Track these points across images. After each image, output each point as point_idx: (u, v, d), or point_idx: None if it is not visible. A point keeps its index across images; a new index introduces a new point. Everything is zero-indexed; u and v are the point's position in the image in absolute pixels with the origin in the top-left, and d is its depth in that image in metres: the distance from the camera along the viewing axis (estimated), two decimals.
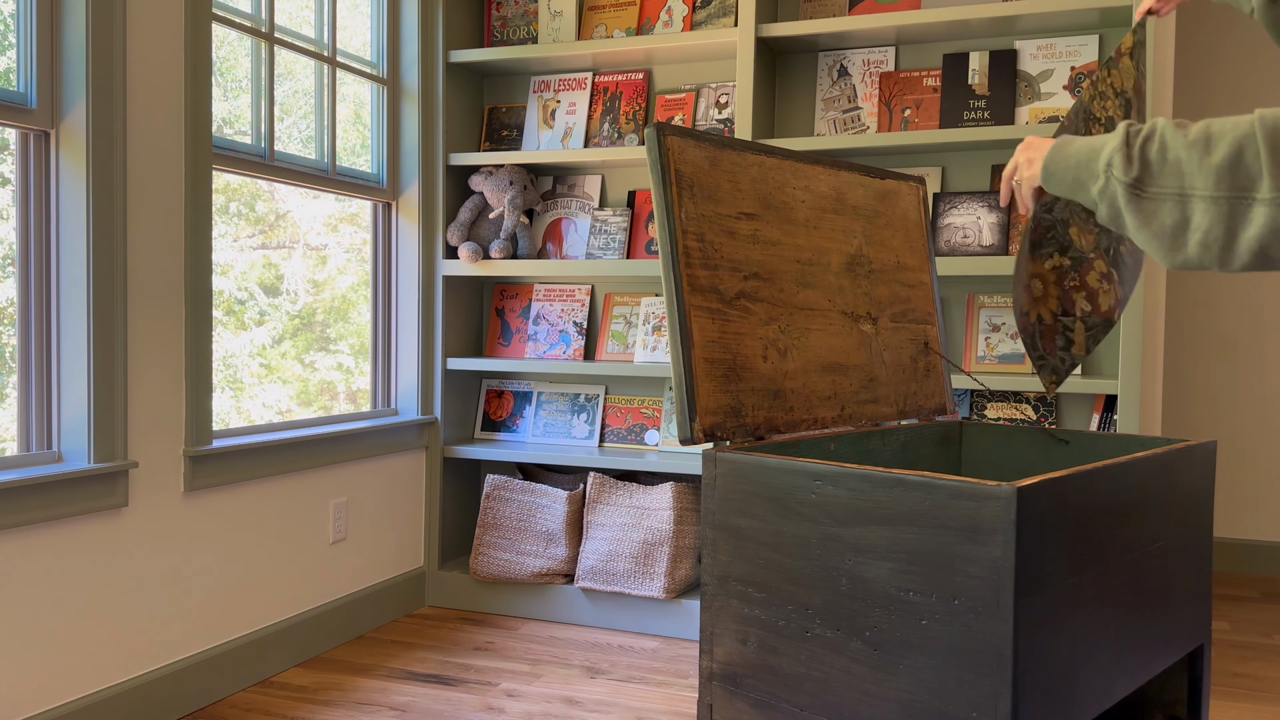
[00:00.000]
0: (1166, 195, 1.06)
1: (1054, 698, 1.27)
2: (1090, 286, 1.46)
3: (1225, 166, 1.00)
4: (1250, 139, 1.00)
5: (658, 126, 1.54)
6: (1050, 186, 1.24)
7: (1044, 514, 1.22)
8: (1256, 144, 0.99)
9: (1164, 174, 1.06)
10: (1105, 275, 1.47)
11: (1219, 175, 1.01)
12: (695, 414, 1.50)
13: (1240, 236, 1.00)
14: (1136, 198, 1.08)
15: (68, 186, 2.12)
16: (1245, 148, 1.00)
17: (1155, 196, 1.07)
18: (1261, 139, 0.99)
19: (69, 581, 2.10)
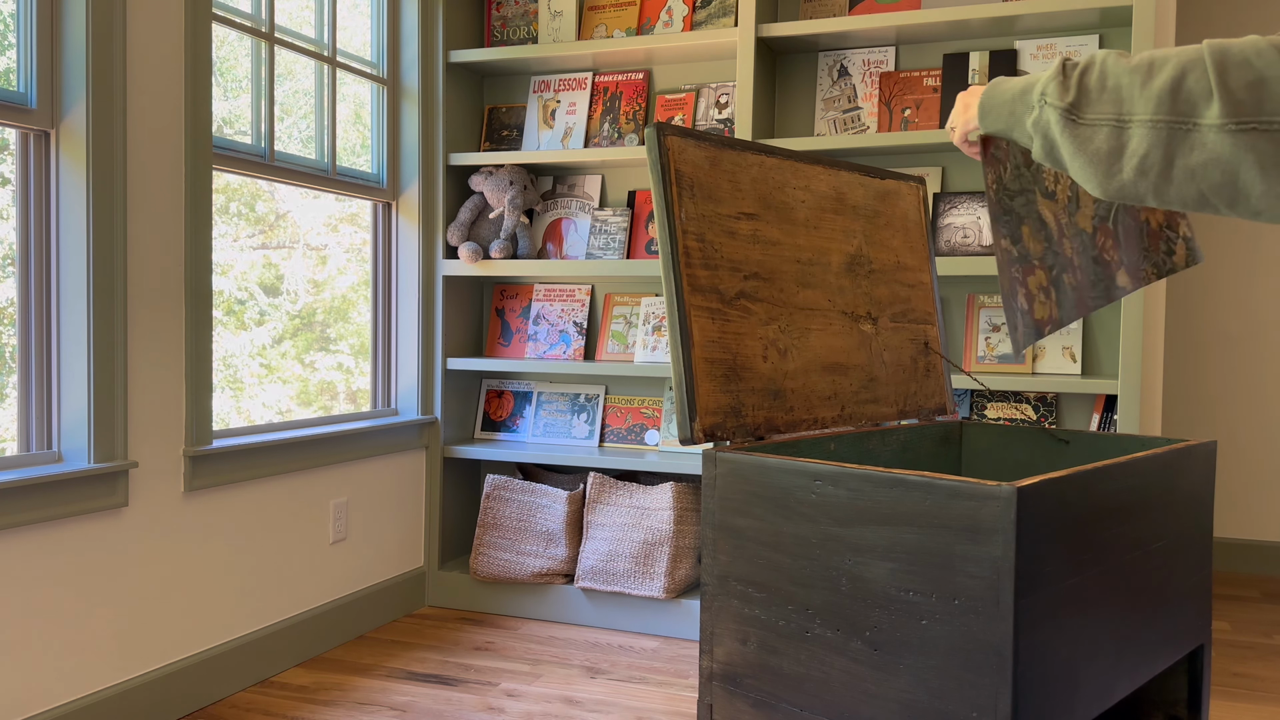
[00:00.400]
0: (1104, 121, 1.03)
1: (1054, 698, 1.27)
2: (1029, 288, 1.45)
3: (1167, 91, 0.98)
4: (1196, 64, 0.97)
5: (658, 126, 1.54)
6: (986, 125, 1.22)
7: (1044, 514, 1.22)
8: (1204, 69, 0.96)
9: (1102, 100, 1.04)
10: (1044, 289, 1.46)
11: (1159, 100, 0.98)
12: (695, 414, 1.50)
13: (1177, 164, 0.98)
14: (1072, 123, 1.06)
15: (68, 186, 2.12)
16: (1189, 72, 0.97)
17: (1092, 123, 1.04)
18: (1211, 65, 0.96)
19: (69, 581, 2.10)
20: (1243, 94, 0.93)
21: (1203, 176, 0.96)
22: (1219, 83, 0.94)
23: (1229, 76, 0.94)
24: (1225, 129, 0.94)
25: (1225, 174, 0.95)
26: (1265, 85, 0.92)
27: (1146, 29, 2.52)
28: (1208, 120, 0.95)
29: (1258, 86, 0.93)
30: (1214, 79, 0.94)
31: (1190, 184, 0.97)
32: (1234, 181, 0.95)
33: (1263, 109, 0.92)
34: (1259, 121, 0.92)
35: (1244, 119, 0.93)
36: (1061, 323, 1.47)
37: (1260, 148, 0.93)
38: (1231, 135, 0.93)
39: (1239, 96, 0.93)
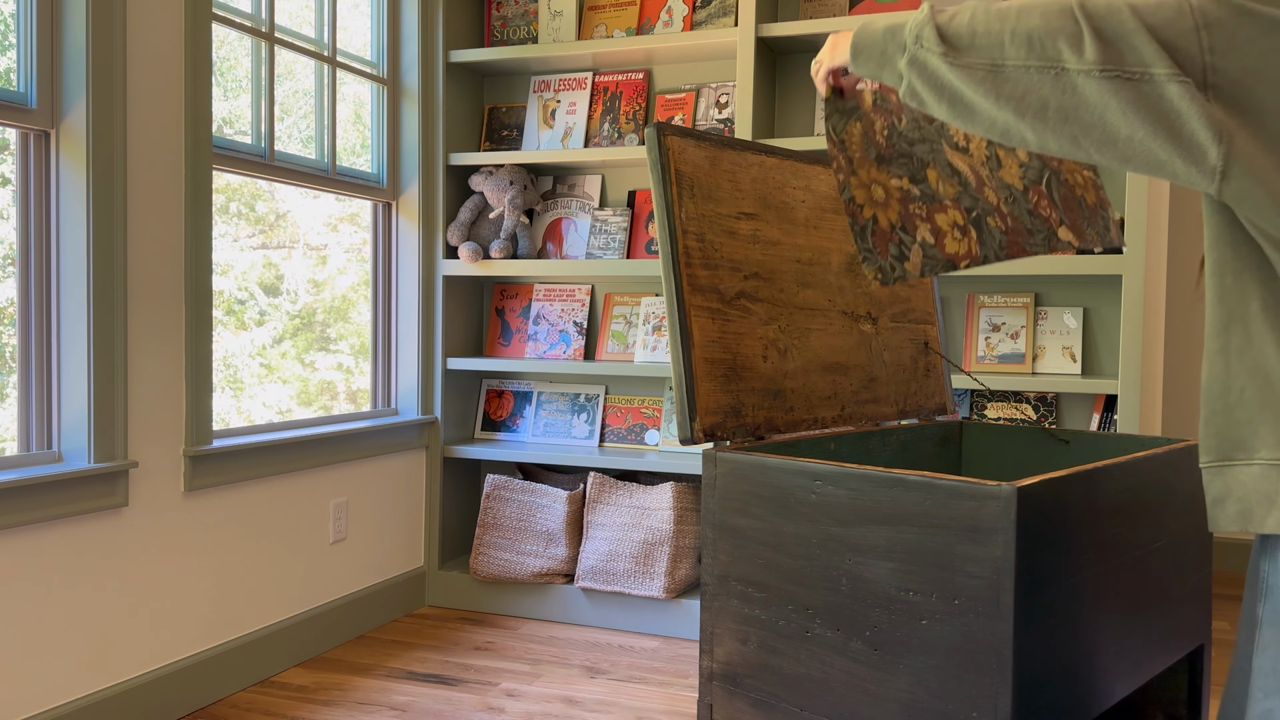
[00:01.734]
0: (979, 65, 1.08)
1: (1054, 698, 1.27)
2: (938, 224, 1.47)
3: (1038, 37, 1.04)
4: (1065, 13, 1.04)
5: (658, 126, 1.54)
6: (857, 65, 1.25)
7: (1044, 514, 1.22)
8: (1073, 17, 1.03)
9: (975, 46, 1.09)
10: (960, 227, 1.48)
11: (1030, 45, 1.04)
12: (695, 414, 1.50)
13: (1050, 106, 1.04)
14: (949, 67, 1.10)
15: (68, 186, 2.12)
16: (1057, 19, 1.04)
17: (967, 66, 1.09)
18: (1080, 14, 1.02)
19: (69, 581, 2.10)
20: (1108, 43, 1.01)
21: (1074, 119, 1.04)
22: (1089, 30, 1.01)
23: (1096, 26, 1.02)
24: (1093, 74, 1.01)
25: (1093, 116, 1.03)
26: (1127, 38, 1.00)
27: None
28: (1076, 65, 1.02)
29: (1119, 39, 1.00)
30: (1085, 27, 1.02)
31: (1065, 126, 1.04)
32: (1101, 124, 1.03)
33: (1124, 59, 1.00)
34: (1121, 70, 1.00)
35: (1108, 66, 1.01)
36: (985, 260, 1.50)
37: (1122, 93, 1.01)
38: (1098, 81, 1.01)
39: (1105, 45, 1.01)
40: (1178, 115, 1.00)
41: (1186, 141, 1.00)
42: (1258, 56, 1.00)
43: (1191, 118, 1.00)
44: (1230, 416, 1.07)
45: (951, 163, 1.51)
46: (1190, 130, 1.00)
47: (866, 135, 1.44)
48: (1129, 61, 1.01)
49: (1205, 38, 1.00)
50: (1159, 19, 1.01)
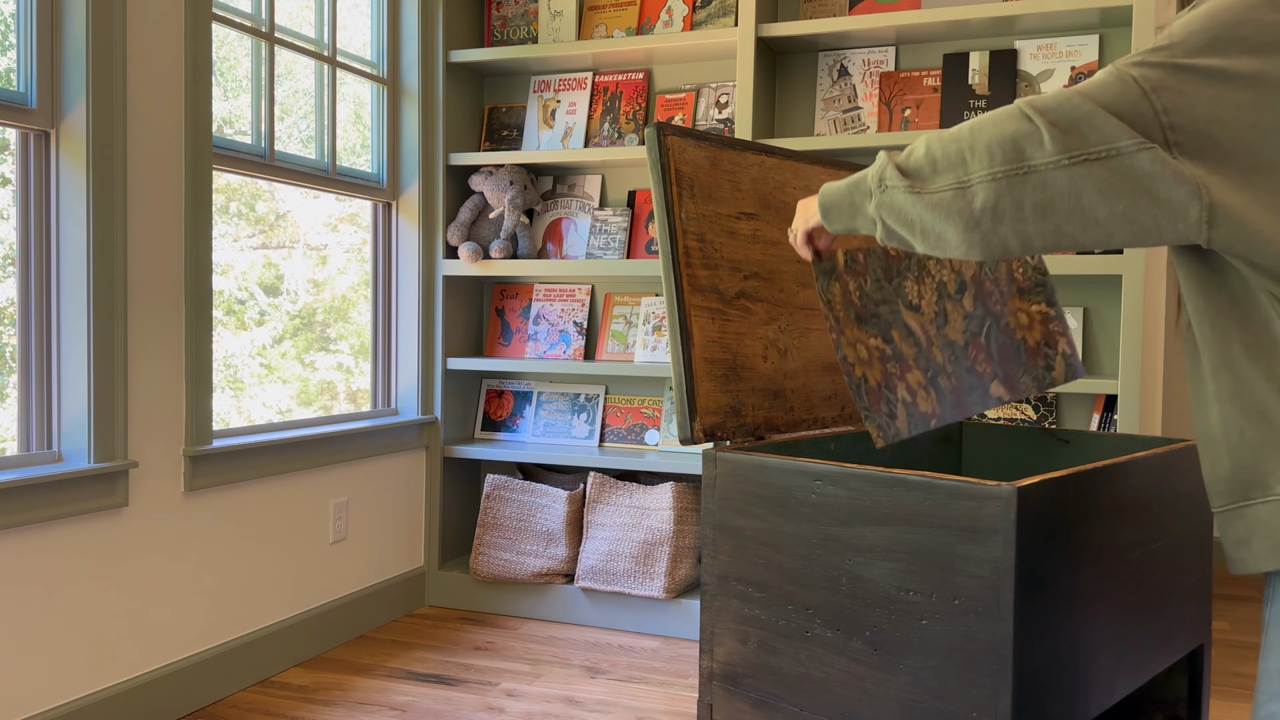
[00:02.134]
0: (947, 188, 1.11)
1: (1054, 698, 1.27)
2: (910, 383, 1.52)
3: (996, 145, 1.07)
4: (1014, 116, 1.07)
5: (658, 126, 1.54)
6: (832, 223, 1.29)
7: (1044, 514, 1.22)
8: (1025, 118, 1.07)
9: (937, 172, 1.12)
10: (924, 386, 1.53)
11: (992, 154, 1.08)
12: (695, 414, 1.50)
13: (1026, 204, 1.07)
14: (918, 196, 1.13)
15: (68, 186, 2.12)
16: (1010, 124, 1.07)
17: (936, 191, 1.12)
18: (1033, 113, 1.06)
19: (69, 581, 2.10)
20: (1067, 132, 1.05)
21: (1052, 210, 1.07)
22: (1045, 124, 1.06)
23: (1051, 119, 1.06)
24: (1061, 164, 1.05)
25: (1071, 203, 1.06)
26: (1084, 121, 1.05)
27: (1146, 29, 2.52)
28: (1042, 160, 1.06)
29: (1077, 125, 1.05)
30: (1041, 123, 1.06)
31: (1044, 220, 1.08)
32: (1080, 209, 1.06)
33: (1087, 141, 1.04)
34: (1087, 153, 1.04)
35: (1074, 152, 1.05)
36: (944, 420, 1.56)
37: (1095, 174, 1.04)
38: (1067, 169, 1.05)
39: (1065, 134, 1.05)
40: (1152, 181, 1.04)
41: (1167, 203, 1.04)
42: (1208, 106, 1.03)
43: (1166, 181, 1.03)
44: (1236, 460, 1.08)
45: (907, 323, 1.57)
46: (1167, 192, 1.03)
47: (845, 295, 1.49)
48: (1092, 142, 1.04)
49: (1157, 101, 1.04)
50: (1108, 96, 1.05)
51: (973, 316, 1.68)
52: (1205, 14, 1.06)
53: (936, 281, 1.64)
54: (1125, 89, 1.05)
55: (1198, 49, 1.04)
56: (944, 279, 1.65)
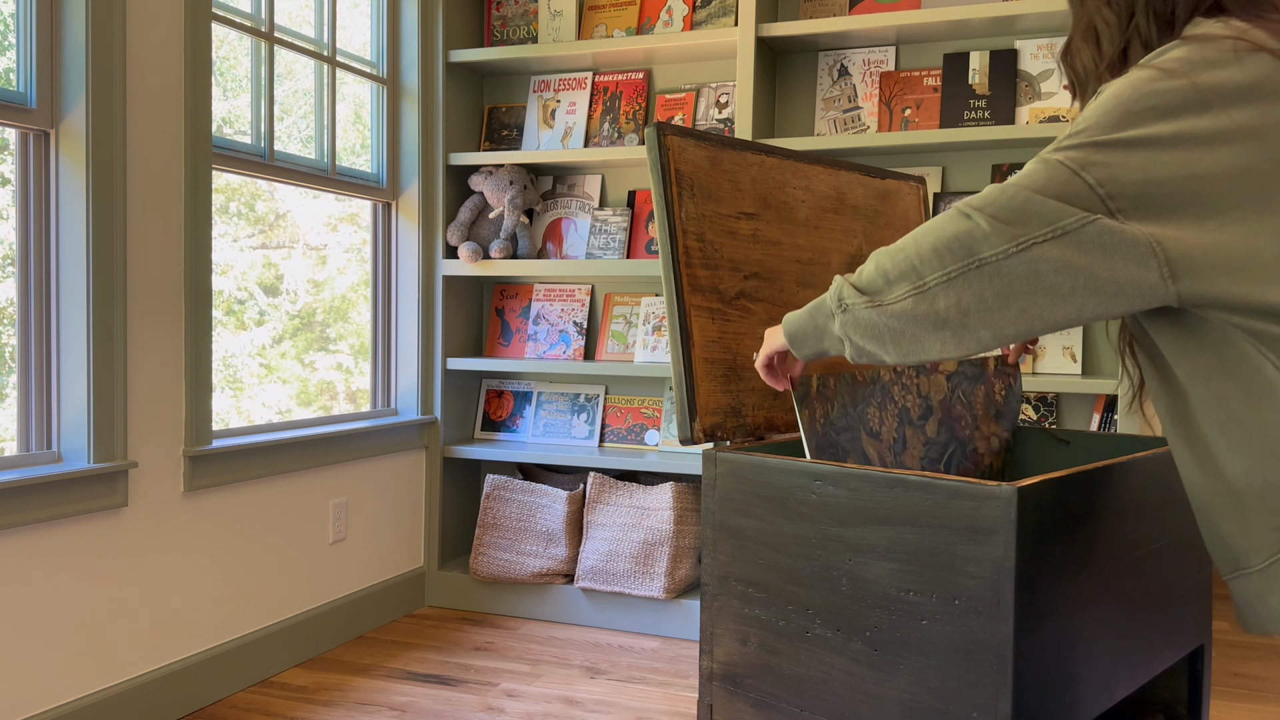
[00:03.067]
0: (905, 296, 1.15)
1: (1054, 698, 1.27)
2: None
3: (945, 246, 1.11)
4: (955, 218, 1.11)
5: (657, 126, 1.54)
6: (800, 349, 1.31)
7: (1044, 514, 1.22)
8: (965, 218, 1.10)
9: (892, 282, 1.16)
10: None
11: (942, 256, 1.11)
12: (695, 414, 1.50)
13: (988, 295, 1.10)
14: (879, 308, 1.17)
15: (68, 186, 2.12)
16: (952, 226, 1.11)
17: (896, 301, 1.15)
18: (973, 211, 1.10)
19: (69, 581, 2.09)
20: (1009, 222, 1.08)
21: (1015, 295, 1.10)
22: (986, 219, 1.09)
23: (991, 213, 1.09)
24: (1010, 254, 1.08)
25: (1032, 286, 1.09)
26: (1024, 208, 1.08)
27: None
28: (991, 252, 1.09)
29: (1018, 213, 1.08)
30: (981, 219, 1.09)
31: (1009, 307, 1.10)
32: (1042, 290, 1.09)
33: (1030, 226, 1.07)
34: (1033, 236, 1.07)
35: (1020, 239, 1.07)
36: None
37: (1047, 255, 1.07)
38: (1017, 256, 1.08)
39: (1007, 224, 1.08)
40: (1104, 250, 1.06)
41: (1124, 271, 1.06)
42: (1138, 171, 1.06)
43: (1119, 248, 1.05)
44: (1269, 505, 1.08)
45: (865, 450, 1.60)
46: (1122, 260, 1.06)
47: (812, 421, 1.52)
48: (1036, 226, 1.07)
49: (1088, 176, 1.07)
50: (1039, 181, 1.08)
51: (934, 443, 1.71)
52: (1109, 98, 1.09)
53: (899, 407, 1.67)
54: (1054, 172, 1.08)
55: (1112, 126, 1.07)
56: (908, 404, 1.68)
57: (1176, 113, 1.05)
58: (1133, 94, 1.07)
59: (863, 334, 1.20)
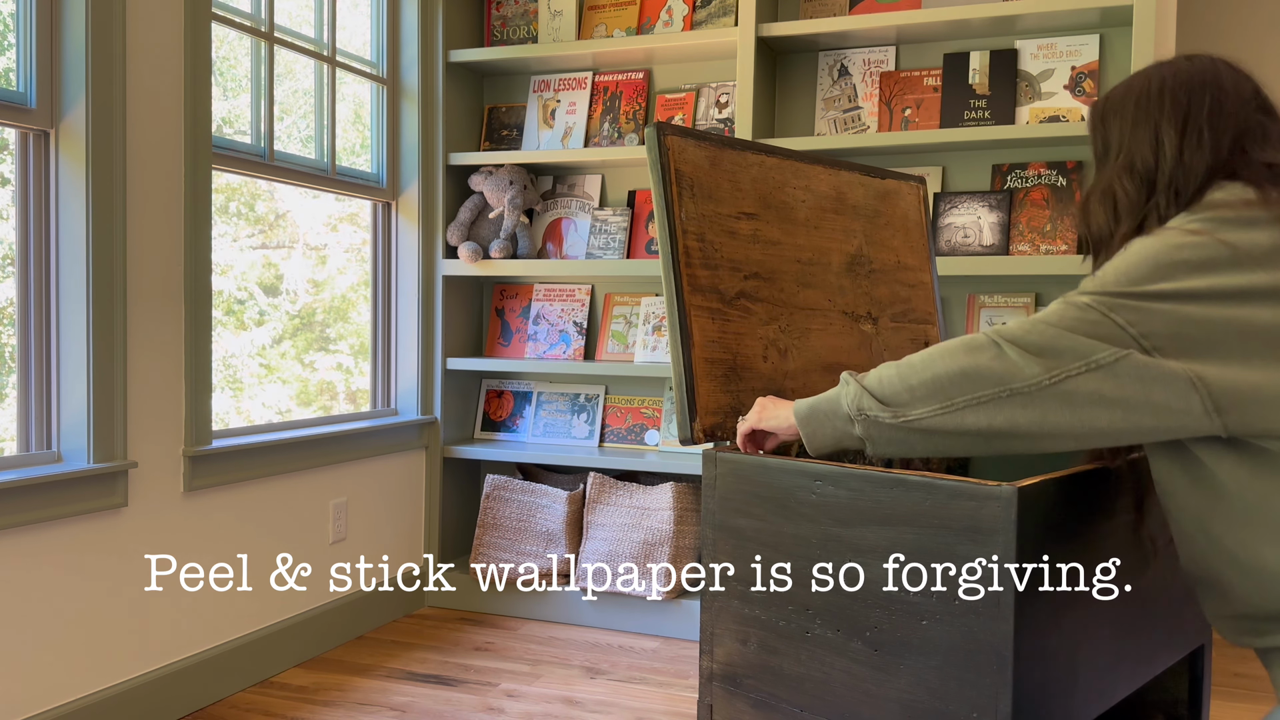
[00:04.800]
0: (933, 413, 1.17)
1: (1054, 698, 1.27)
2: None
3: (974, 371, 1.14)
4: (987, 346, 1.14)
5: (657, 126, 1.54)
6: (817, 447, 1.32)
7: (1044, 514, 1.22)
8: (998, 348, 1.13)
9: (917, 400, 1.18)
10: None
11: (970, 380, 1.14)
12: (695, 414, 1.50)
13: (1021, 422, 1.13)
14: (904, 421, 1.19)
15: (67, 186, 2.12)
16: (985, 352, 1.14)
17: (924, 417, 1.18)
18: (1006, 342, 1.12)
19: (69, 582, 2.09)
20: (1041, 354, 1.10)
21: (1050, 422, 1.12)
22: (1017, 352, 1.11)
23: (1023, 345, 1.12)
24: (1043, 386, 1.10)
25: (1069, 416, 1.11)
26: (1057, 342, 1.10)
27: (1146, 29, 2.51)
28: (1023, 384, 1.11)
29: (1050, 347, 1.10)
30: (1013, 352, 1.12)
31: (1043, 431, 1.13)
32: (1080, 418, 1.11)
33: (1064, 360, 1.09)
34: (1067, 370, 1.09)
35: (1054, 372, 1.10)
36: None
37: (1083, 389, 1.09)
38: (1050, 388, 1.10)
39: (1039, 357, 1.10)
40: (1142, 383, 1.08)
41: (1163, 402, 1.08)
42: (1169, 319, 1.09)
43: (1158, 380, 1.08)
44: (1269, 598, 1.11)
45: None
46: (1161, 391, 1.08)
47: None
48: (1069, 360, 1.10)
49: (1119, 318, 1.10)
50: (1069, 321, 1.12)
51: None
52: (1137, 254, 1.12)
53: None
54: (1084, 313, 1.11)
55: (1142, 279, 1.10)
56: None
57: (1210, 268, 1.09)
58: (1163, 249, 1.10)
59: (888, 443, 1.22)
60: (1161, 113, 1.22)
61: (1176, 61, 1.26)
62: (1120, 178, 1.23)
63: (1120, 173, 1.23)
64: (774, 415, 1.41)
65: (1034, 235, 2.79)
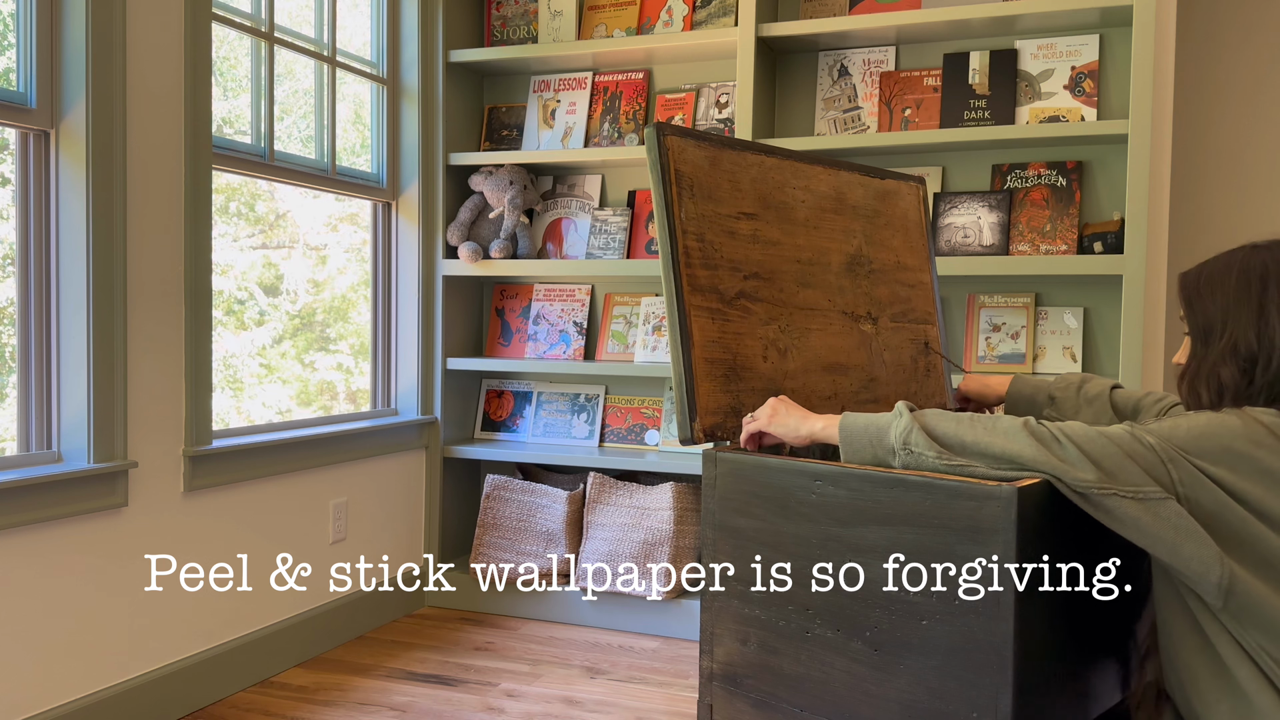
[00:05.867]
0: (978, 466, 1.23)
1: (1054, 698, 1.27)
2: None
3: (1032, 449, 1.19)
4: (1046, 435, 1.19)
5: (657, 126, 1.54)
6: (850, 456, 1.36)
7: (1044, 514, 1.22)
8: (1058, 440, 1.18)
9: (968, 452, 1.23)
10: None
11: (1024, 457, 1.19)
12: (695, 414, 1.50)
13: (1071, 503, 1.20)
14: (949, 464, 1.24)
15: (68, 186, 2.12)
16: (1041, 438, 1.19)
17: (968, 466, 1.23)
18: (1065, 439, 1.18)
19: (69, 581, 2.09)
20: (1099, 463, 1.16)
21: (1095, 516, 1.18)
22: (1079, 455, 1.16)
23: (1085, 449, 1.16)
24: (1091, 493, 1.16)
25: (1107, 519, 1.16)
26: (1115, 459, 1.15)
27: (1146, 29, 2.52)
28: (1076, 484, 1.16)
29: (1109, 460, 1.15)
30: (1074, 452, 1.17)
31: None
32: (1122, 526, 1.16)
33: (1118, 479, 1.15)
34: (1119, 489, 1.14)
35: (1106, 486, 1.15)
36: None
37: (1124, 511, 1.15)
38: (1099, 497, 1.15)
39: (1097, 465, 1.15)
40: (1178, 532, 1.13)
41: (1188, 557, 1.13)
42: (1215, 504, 1.14)
43: (1191, 534, 1.13)
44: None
45: None
46: (1191, 546, 1.13)
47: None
48: (1121, 481, 1.15)
49: (1173, 471, 1.15)
50: (1132, 448, 1.16)
51: None
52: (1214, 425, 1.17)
53: None
54: (1145, 449, 1.16)
55: (1208, 454, 1.15)
56: None
57: (1273, 482, 1.14)
58: (1239, 438, 1.16)
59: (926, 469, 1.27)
60: (1266, 297, 1.25)
61: (1275, 247, 1.28)
62: (1226, 360, 1.27)
63: (1226, 356, 1.27)
64: (785, 423, 1.43)
65: (1034, 235, 2.79)
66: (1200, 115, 3.91)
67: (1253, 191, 3.49)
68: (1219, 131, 3.58)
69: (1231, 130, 3.56)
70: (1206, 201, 3.57)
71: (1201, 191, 3.58)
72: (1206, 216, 3.90)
